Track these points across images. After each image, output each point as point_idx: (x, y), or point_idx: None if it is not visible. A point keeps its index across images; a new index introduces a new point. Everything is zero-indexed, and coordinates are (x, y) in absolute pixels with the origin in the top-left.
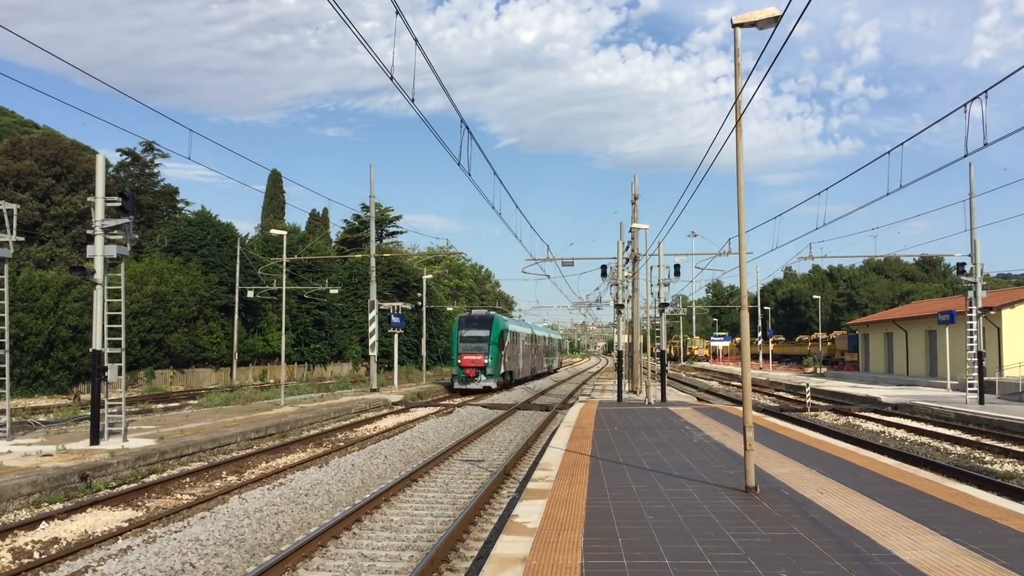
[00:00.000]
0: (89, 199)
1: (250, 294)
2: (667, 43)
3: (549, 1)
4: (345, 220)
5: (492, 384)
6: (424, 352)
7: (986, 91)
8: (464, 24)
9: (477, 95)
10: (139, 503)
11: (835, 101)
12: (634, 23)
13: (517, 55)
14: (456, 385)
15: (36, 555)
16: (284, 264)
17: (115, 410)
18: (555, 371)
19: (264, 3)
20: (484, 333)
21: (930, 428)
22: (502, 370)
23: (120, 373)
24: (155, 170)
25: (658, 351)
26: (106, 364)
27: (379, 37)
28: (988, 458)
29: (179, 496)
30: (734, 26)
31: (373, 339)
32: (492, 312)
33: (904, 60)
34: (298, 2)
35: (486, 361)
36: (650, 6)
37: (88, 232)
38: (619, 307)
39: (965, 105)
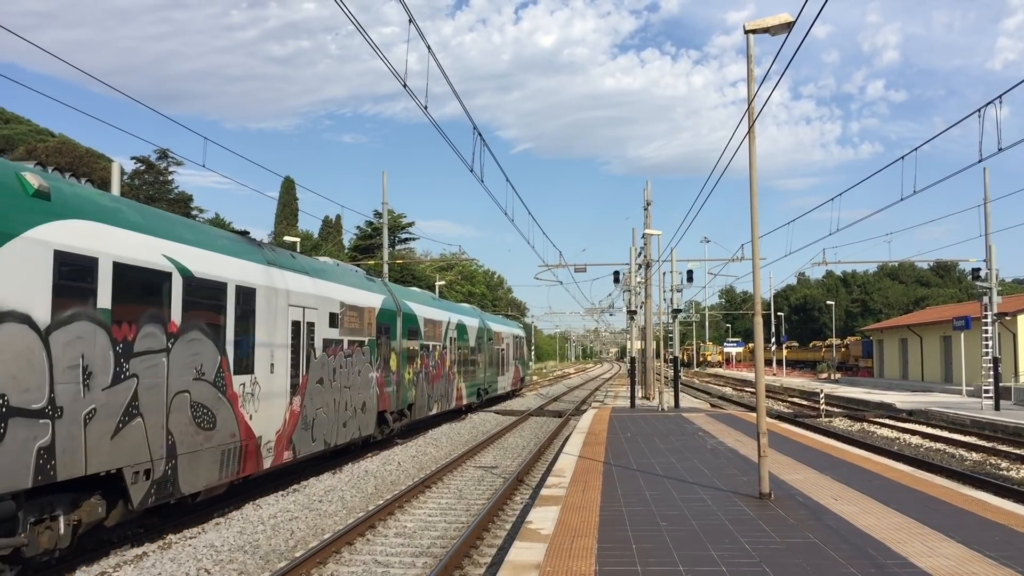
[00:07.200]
0: None
1: None
2: (686, 47)
3: (568, 5)
4: (358, 227)
5: None
6: None
7: (1000, 96)
8: (483, 29)
9: (495, 100)
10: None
11: (855, 105)
12: (653, 27)
13: (535, 60)
14: None
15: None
16: None
17: None
18: (497, 397)
19: (284, 8)
20: None
21: (945, 434)
22: None
23: None
24: (169, 177)
25: (671, 357)
26: None
27: (398, 42)
28: (1004, 464)
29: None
30: (747, 32)
31: None
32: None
33: (925, 63)
34: (318, 7)
35: None
36: (670, 9)
37: None
38: (632, 313)
39: (980, 110)
